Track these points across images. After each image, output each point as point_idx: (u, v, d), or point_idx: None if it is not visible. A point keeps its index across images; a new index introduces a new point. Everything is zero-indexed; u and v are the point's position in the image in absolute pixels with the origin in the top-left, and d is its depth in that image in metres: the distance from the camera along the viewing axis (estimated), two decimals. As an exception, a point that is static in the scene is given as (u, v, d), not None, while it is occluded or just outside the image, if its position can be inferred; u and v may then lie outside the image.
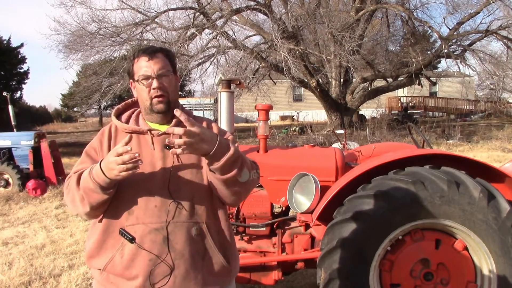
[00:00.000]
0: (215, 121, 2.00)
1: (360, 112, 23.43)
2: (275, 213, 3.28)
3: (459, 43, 16.82)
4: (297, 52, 14.27)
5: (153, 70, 1.59)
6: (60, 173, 9.04)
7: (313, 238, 2.99)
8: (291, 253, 3.01)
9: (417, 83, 18.65)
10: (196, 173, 1.59)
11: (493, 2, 14.70)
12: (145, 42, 14.96)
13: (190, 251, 1.54)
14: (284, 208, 3.27)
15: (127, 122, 1.69)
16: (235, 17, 15.51)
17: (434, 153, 2.86)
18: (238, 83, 3.07)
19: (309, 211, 2.81)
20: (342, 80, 18.25)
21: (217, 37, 13.98)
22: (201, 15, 14.06)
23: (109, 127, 1.69)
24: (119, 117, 1.71)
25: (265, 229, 3.03)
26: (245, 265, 2.92)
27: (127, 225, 1.54)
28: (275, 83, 18.50)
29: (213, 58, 14.87)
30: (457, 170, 2.54)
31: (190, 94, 35.08)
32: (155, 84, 1.59)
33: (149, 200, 1.54)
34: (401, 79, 19.34)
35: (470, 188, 2.41)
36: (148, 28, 14.72)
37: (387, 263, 2.56)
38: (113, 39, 14.26)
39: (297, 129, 18.11)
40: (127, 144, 1.39)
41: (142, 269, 1.51)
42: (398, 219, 2.47)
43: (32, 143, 8.98)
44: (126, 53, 15.27)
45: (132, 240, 1.51)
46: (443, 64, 25.54)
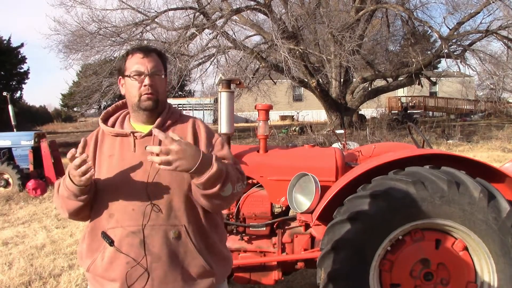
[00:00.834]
0: (215, 121, 1.98)
1: (360, 112, 23.41)
2: (275, 213, 3.28)
3: (459, 43, 16.80)
4: (297, 52, 14.27)
5: (147, 67, 1.59)
6: (60, 173, 9.01)
7: (313, 238, 2.99)
8: (291, 253, 3.00)
9: (417, 83, 18.64)
10: (176, 175, 1.56)
11: (493, 2, 14.69)
12: (145, 42, 14.96)
13: (167, 254, 1.53)
14: (284, 208, 3.27)
15: (114, 125, 1.70)
16: (235, 17, 15.50)
17: (434, 153, 2.86)
18: (238, 83, 3.07)
19: (309, 211, 2.80)
20: (342, 80, 18.24)
21: (217, 37, 13.98)
22: (201, 15, 14.06)
23: (97, 131, 1.71)
24: (106, 120, 1.72)
25: (265, 229, 3.03)
26: (245, 265, 2.92)
27: (108, 228, 1.55)
28: (275, 83, 18.50)
29: (213, 58, 14.88)
30: (457, 170, 2.53)
31: (190, 94, 35.09)
32: (147, 81, 1.59)
33: (128, 203, 1.54)
34: (401, 79, 19.33)
35: (470, 188, 2.41)
36: (148, 28, 14.72)
37: (387, 263, 2.56)
38: (113, 39, 14.25)
39: (297, 129, 18.11)
40: (83, 148, 1.45)
41: (119, 272, 1.52)
42: (398, 219, 2.47)
43: (32, 143, 8.98)
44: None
45: (111, 243, 1.52)
46: (443, 64, 25.54)
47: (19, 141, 9.07)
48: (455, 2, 17.23)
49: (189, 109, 30.04)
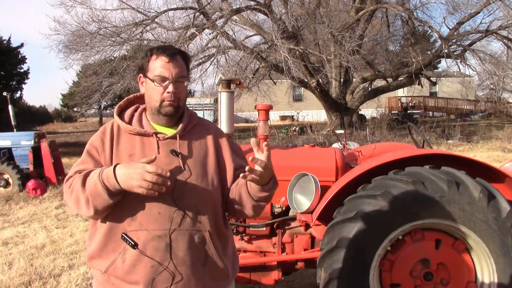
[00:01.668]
0: (215, 121, 2.00)
1: (360, 112, 23.40)
2: (275, 213, 3.28)
3: (459, 43, 16.81)
4: (297, 52, 14.27)
5: (172, 73, 1.55)
6: (60, 173, 9.03)
7: (313, 238, 2.99)
8: (291, 253, 3.00)
9: (417, 83, 18.65)
10: (201, 181, 1.57)
11: (493, 2, 14.70)
12: (145, 42, 14.97)
13: (191, 258, 1.53)
14: (284, 208, 3.27)
15: (130, 121, 1.65)
16: (235, 17, 15.51)
17: (434, 153, 2.86)
18: (238, 83, 3.07)
19: (309, 211, 2.81)
20: (342, 80, 18.25)
21: (217, 37, 13.98)
22: (201, 15, 14.07)
23: (111, 126, 1.63)
24: (121, 115, 1.67)
25: (265, 229, 3.03)
26: (245, 265, 2.92)
27: (130, 230, 1.51)
28: (275, 83, 18.51)
29: (213, 58, 14.88)
30: (457, 170, 2.53)
31: (190, 94, 35.05)
32: (171, 88, 1.55)
33: (152, 206, 1.51)
34: (401, 79, 19.34)
35: (470, 188, 2.41)
36: (148, 28, 14.72)
37: (387, 263, 2.56)
38: (113, 39, 14.26)
39: (297, 129, 18.11)
40: (152, 161, 1.41)
41: (143, 276, 1.50)
42: (398, 219, 2.47)
43: (32, 143, 8.98)
44: (126, 53, 15.29)
45: (134, 246, 1.50)
46: (443, 64, 25.57)
47: (19, 141, 9.07)
48: (455, 2, 17.27)
49: (193, 110, 29.98)
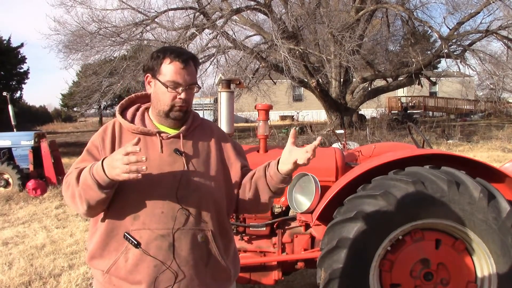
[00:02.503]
0: (215, 121, 2.01)
1: (360, 112, 23.41)
2: (275, 213, 3.28)
3: (459, 43, 16.81)
4: (297, 52, 14.26)
5: (185, 80, 1.55)
6: (60, 173, 9.03)
7: (313, 238, 2.99)
8: (291, 253, 3.01)
9: (417, 83, 18.66)
10: (204, 180, 1.57)
11: (493, 2, 14.70)
12: (145, 42, 14.96)
13: (194, 258, 1.53)
14: (284, 208, 3.27)
15: (132, 120, 1.64)
16: (235, 17, 15.51)
17: (434, 153, 2.86)
18: (238, 83, 3.07)
19: (309, 211, 2.81)
20: (342, 80, 18.25)
21: (217, 37, 13.99)
22: (201, 15, 14.07)
23: (112, 125, 1.63)
24: (123, 114, 1.66)
25: (265, 229, 3.03)
26: (245, 265, 2.92)
27: (132, 229, 1.51)
28: (275, 83, 18.51)
29: (213, 58, 14.87)
30: (457, 170, 2.53)
31: (190, 94, 35.02)
32: (183, 95, 1.56)
33: (155, 205, 1.51)
34: (401, 79, 19.33)
35: (470, 188, 2.41)
36: (148, 28, 14.71)
37: (387, 263, 2.56)
38: (113, 39, 14.25)
39: (297, 129, 18.11)
40: (136, 145, 1.34)
41: (146, 275, 1.49)
42: (398, 219, 2.47)
43: (32, 143, 8.98)
44: (126, 53, 15.28)
45: (137, 245, 1.49)
46: (443, 64, 25.43)
47: (19, 141, 9.07)
48: (455, 2, 17.26)
49: (195, 110, 30.01)
